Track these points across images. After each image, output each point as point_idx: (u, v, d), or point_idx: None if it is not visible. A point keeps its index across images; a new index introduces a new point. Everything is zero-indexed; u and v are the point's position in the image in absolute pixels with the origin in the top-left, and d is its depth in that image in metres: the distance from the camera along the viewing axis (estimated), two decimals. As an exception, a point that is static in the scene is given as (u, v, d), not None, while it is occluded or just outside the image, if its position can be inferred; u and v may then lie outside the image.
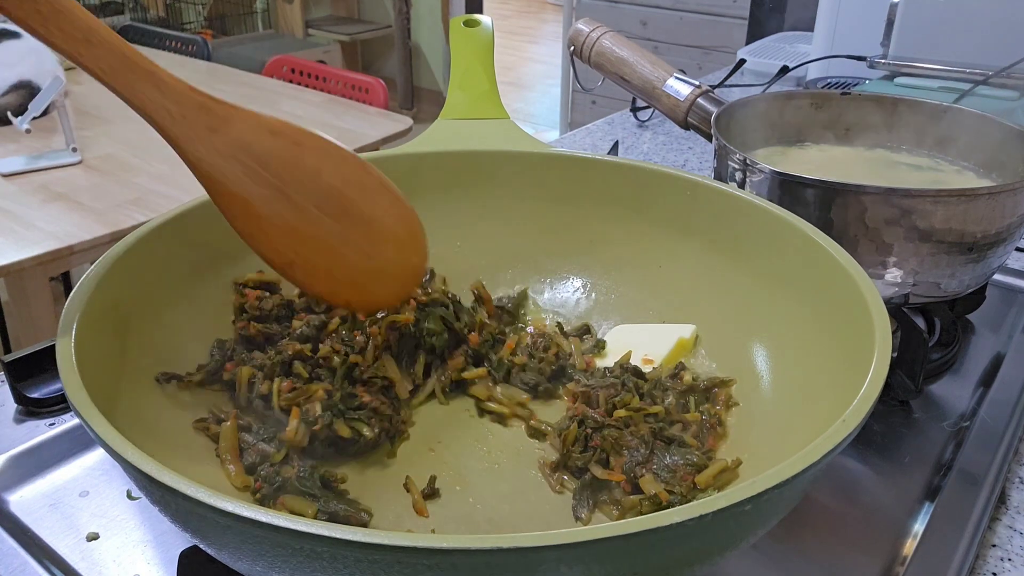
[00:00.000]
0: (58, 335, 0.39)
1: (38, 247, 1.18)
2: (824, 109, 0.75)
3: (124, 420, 0.38)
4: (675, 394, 0.51)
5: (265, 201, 0.45)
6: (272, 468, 0.45)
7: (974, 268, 0.59)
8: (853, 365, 0.41)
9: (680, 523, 0.29)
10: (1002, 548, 0.48)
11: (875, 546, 0.47)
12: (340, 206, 0.47)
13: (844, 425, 0.34)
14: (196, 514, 0.32)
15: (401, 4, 3.93)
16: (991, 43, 1.07)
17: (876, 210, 0.55)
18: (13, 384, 0.56)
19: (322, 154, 0.47)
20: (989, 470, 0.52)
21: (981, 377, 0.63)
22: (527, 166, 0.62)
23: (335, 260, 0.48)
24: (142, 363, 0.47)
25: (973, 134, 0.70)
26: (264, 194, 0.45)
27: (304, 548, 0.30)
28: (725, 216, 0.56)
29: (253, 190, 0.45)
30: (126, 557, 0.45)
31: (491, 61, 0.67)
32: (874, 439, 0.56)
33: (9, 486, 0.50)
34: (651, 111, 1.19)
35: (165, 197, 1.32)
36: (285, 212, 0.46)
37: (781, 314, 0.52)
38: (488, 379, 0.55)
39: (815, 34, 1.34)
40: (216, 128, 0.43)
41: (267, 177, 0.45)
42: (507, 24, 5.73)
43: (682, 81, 0.74)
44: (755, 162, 0.60)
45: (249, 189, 0.45)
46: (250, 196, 0.45)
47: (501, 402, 0.54)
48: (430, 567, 0.29)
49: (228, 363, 0.51)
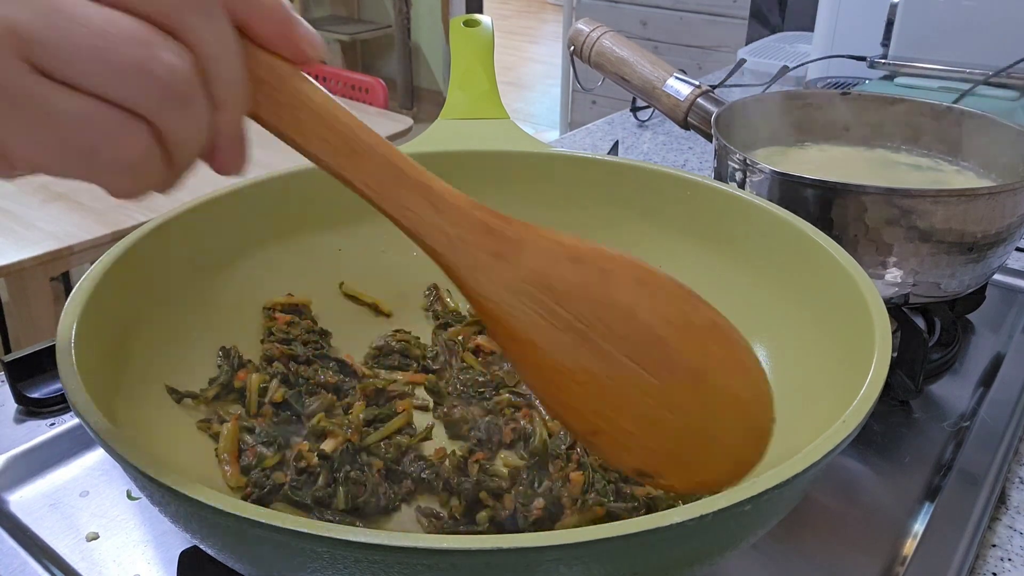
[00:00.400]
0: (58, 335, 0.39)
1: (38, 247, 1.18)
2: (824, 109, 0.75)
3: (124, 420, 0.38)
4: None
5: (565, 349, 0.35)
6: (263, 473, 0.45)
7: (974, 268, 0.59)
8: (853, 365, 0.41)
9: (680, 523, 0.29)
10: (1002, 548, 0.48)
11: (875, 546, 0.47)
12: (661, 355, 0.36)
13: (844, 425, 0.34)
14: (196, 515, 0.32)
15: (401, 4, 3.93)
16: (991, 43, 1.07)
17: (876, 210, 0.55)
18: (13, 384, 0.56)
19: (637, 286, 0.37)
20: (989, 470, 0.52)
21: (981, 377, 0.63)
22: (527, 166, 0.62)
23: (653, 427, 0.36)
24: (142, 363, 0.46)
25: (973, 134, 0.70)
26: (563, 340, 0.35)
27: (304, 548, 0.29)
28: (725, 216, 0.56)
29: (549, 335, 0.35)
30: (126, 557, 0.45)
31: (491, 61, 0.67)
32: (874, 439, 0.56)
33: (9, 486, 0.50)
34: (651, 111, 1.19)
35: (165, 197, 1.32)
36: (590, 364, 0.36)
37: (781, 314, 0.52)
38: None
39: (815, 34, 1.34)
40: (504, 255, 0.35)
41: (567, 317, 0.35)
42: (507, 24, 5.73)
43: (682, 81, 0.74)
44: (755, 162, 0.60)
45: (544, 333, 0.35)
46: (546, 343, 0.35)
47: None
48: (430, 567, 0.29)
49: (239, 372, 0.51)
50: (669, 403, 0.36)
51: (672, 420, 0.36)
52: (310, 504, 0.44)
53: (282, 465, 0.46)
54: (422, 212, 0.34)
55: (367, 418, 0.50)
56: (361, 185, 0.34)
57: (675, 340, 0.36)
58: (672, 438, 0.37)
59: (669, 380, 0.36)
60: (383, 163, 0.34)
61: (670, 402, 0.36)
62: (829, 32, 1.31)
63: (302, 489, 0.44)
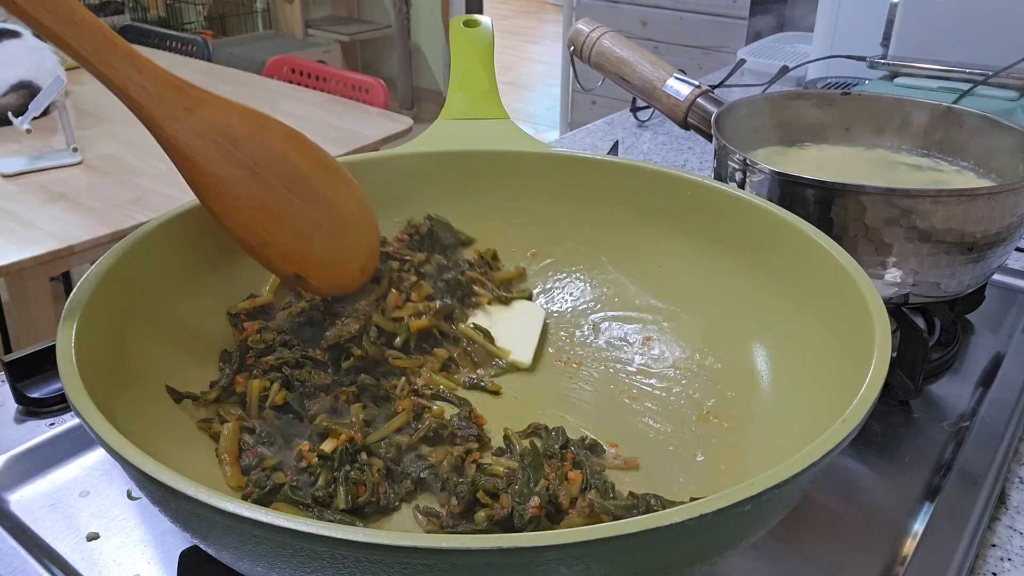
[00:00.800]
0: (58, 335, 0.39)
1: (38, 247, 1.18)
2: (824, 109, 0.75)
3: (124, 420, 0.38)
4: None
5: (239, 181, 0.47)
6: (263, 472, 0.45)
7: (974, 268, 0.59)
8: (853, 365, 0.41)
9: (680, 523, 0.29)
10: (1002, 548, 0.48)
11: (875, 546, 0.47)
12: (306, 187, 0.50)
13: (844, 425, 0.34)
14: (196, 514, 0.32)
15: (401, 4, 3.93)
16: (991, 43, 1.07)
17: (876, 210, 0.55)
18: (13, 384, 0.56)
19: (286, 137, 0.50)
20: (989, 470, 0.52)
21: (981, 377, 0.63)
22: (527, 166, 0.62)
23: (305, 241, 0.50)
24: (143, 363, 0.47)
25: (973, 134, 0.70)
26: (238, 174, 0.47)
27: (304, 548, 0.30)
28: (725, 216, 0.56)
29: (228, 170, 0.47)
30: (126, 557, 0.45)
31: (491, 61, 0.67)
32: (874, 439, 0.56)
33: (9, 486, 0.50)
34: (651, 111, 1.19)
35: (165, 197, 1.32)
36: (258, 191, 0.48)
37: (781, 314, 0.52)
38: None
39: (815, 34, 1.34)
40: (191, 109, 0.45)
41: (240, 157, 0.47)
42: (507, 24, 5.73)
43: (682, 81, 0.74)
44: (755, 162, 0.60)
45: (224, 169, 0.46)
46: (225, 175, 0.47)
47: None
48: (430, 567, 0.29)
49: (238, 377, 0.51)
50: (314, 222, 0.50)
51: (317, 235, 0.51)
52: (310, 504, 0.44)
53: (282, 465, 0.46)
54: (128, 73, 0.43)
55: (367, 418, 0.50)
56: (81, 50, 0.41)
57: (315, 176, 0.51)
58: (317, 247, 0.51)
59: (313, 205, 0.50)
60: (97, 32, 0.42)
61: (314, 221, 0.51)
62: (829, 32, 1.31)
63: (302, 489, 0.44)
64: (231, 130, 0.47)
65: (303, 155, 0.50)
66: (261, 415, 0.49)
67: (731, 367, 0.54)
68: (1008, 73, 1.00)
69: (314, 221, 0.51)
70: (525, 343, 0.58)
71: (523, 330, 0.59)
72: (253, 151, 0.47)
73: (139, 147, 1.49)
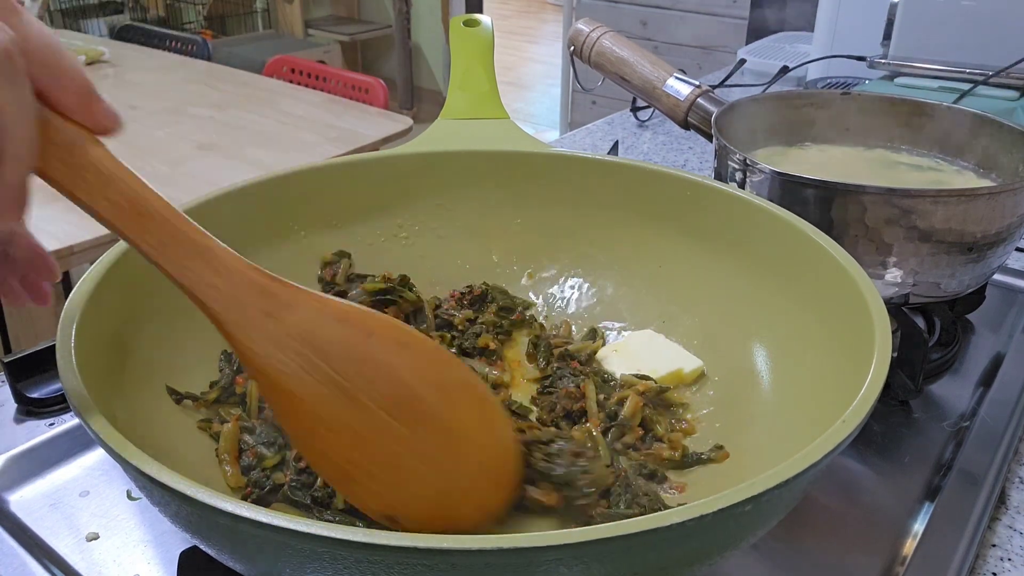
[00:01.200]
0: (58, 335, 0.39)
1: (38, 247, 1.18)
2: (824, 109, 0.75)
3: (124, 420, 0.38)
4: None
5: (323, 401, 0.38)
6: (263, 473, 0.45)
7: (974, 268, 0.59)
8: (853, 365, 0.41)
9: (680, 523, 0.29)
10: (1002, 548, 0.48)
11: (875, 546, 0.47)
12: (414, 410, 0.39)
13: (844, 425, 0.34)
14: (196, 515, 0.32)
15: (401, 4, 3.93)
16: (991, 43, 1.07)
17: (876, 210, 0.55)
18: (13, 384, 0.56)
19: (401, 348, 0.39)
20: (989, 470, 0.52)
21: (981, 377, 0.63)
22: (527, 166, 0.62)
23: (402, 475, 0.39)
24: (143, 363, 0.47)
25: (973, 134, 0.70)
26: (321, 393, 0.37)
27: (304, 549, 0.29)
28: (725, 216, 0.56)
29: (309, 388, 0.37)
30: (126, 557, 0.45)
31: (491, 61, 0.67)
32: (874, 439, 0.56)
33: (9, 486, 0.50)
34: (651, 111, 1.19)
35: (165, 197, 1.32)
36: (347, 415, 0.38)
37: (781, 314, 0.52)
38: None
39: (815, 34, 1.34)
40: (274, 314, 0.37)
41: (328, 372, 0.37)
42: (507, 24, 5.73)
43: (682, 81, 0.74)
44: (755, 162, 0.60)
45: (303, 386, 0.37)
46: (305, 394, 0.37)
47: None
48: (430, 567, 0.29)
49: (238, 377, 0.51)
50: (420, 453, 0.39)
51: (421, 468, 0.39)
52: (310, 504, 0.44)
53: (282, 465, 0.46)
54: (200, 272, 0.36)
55: None
56: (145, 245, 0.35)
57: (431, 397, 0.39)
58: (420, 484, 0.39)
59: (421, 433, 0.39)
60: (166, 225, 0.36)
61: (421, 452, 0.39)
62: (829, 32, 1.31)
63: (302, 489, 0.44)
64: (322, 340, 0.37)
65: (417, 368, 0.39)
66: (261, 415, 0.49)
67: (731, 367, 0.54)
68: (1008, 73, 1.00)
69: (421, 453, 0.39)
70: (679, 355, 0.56)
71: (658, 349, 0.57)
72: (347, 366, 0.38)
73: (139, 147, 1.49)
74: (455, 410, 0.41)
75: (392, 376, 0.39)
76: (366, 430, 0.38)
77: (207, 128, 1.62)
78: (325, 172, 0.60)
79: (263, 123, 1.69)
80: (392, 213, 0.62)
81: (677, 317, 0.59)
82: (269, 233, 0.57)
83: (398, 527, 0.39)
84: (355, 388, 0.38)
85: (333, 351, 0.38)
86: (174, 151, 1.50)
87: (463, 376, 0.42)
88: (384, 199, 0.62)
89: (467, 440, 0.41)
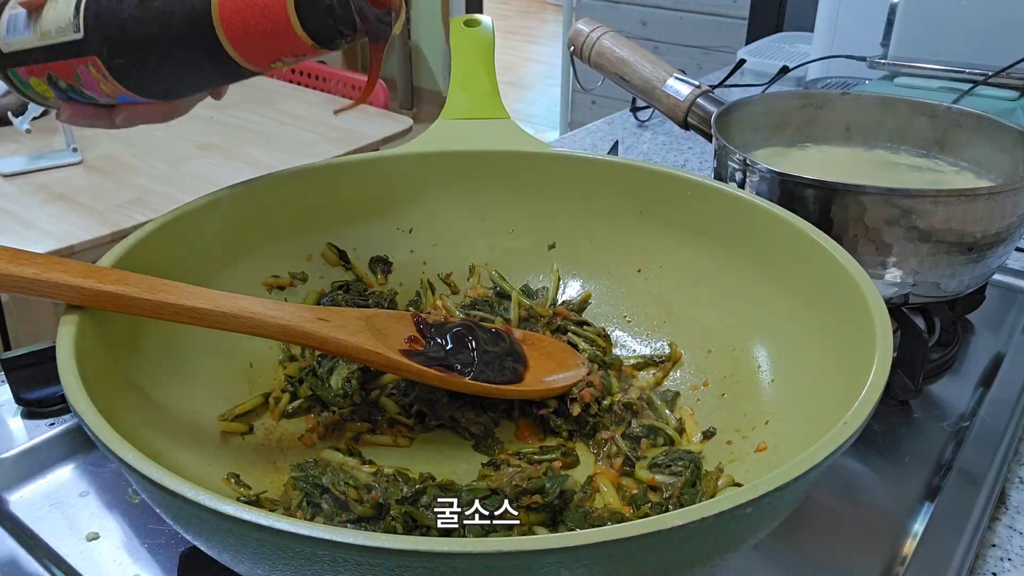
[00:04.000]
0: (58, 335, 0.39)
1: (38, 247, 1.18)
2: (824, 109, 0.75)
3: (124, 420, 0.38)
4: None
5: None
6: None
7: (974, 268, 0.59)
8: (853, 366, 0.41)
9: (681, 526, 0.29)
10: (1002, 548, 0.48)
11: (875, 546, 0.47)
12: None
13: (845, 427, 0.34)
14: (196, 516, 0.32)
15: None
16: (991, 43, 1.07)
17: (876, 210, 0.55)
18: (13, 384, 0.56)
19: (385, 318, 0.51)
20: (989, 470, 0.52)
21: (981, 377, 0.63)
22: (528, 166, 0.62)
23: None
24: (142, 363, 0.46)
25: (973, 134, 0.70)
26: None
27: (305, 551, 0.29)
28: (725, 216, 0.56)
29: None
30: (126, 557, 0.45)
31: (492, 61, 0.67)
32: (874, 439, 0.56)
33: (9, 486, 0.50)
34: (651, 111, 1.19)
35: (165, 197, 1.32)
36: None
37: (781, 314, 0.52)
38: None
39: (815, 34, 1.34)
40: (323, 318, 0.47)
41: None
42: (507, 24, 5.72)
43: (682, 81, 0.74)
44: (755, 162, 0.60)
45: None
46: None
47: None
48: (431, 570, 0.29)
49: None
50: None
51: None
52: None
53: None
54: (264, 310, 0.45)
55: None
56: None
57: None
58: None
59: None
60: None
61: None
62: (829, 32, 1.31)
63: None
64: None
65: (382, 321, 0.50)
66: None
67: (731, 367, 0.54)
68: (1008, 73, 1.00)
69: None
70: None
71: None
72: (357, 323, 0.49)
73: (139, 147, 1.49)
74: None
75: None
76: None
77: (207, 128, 1.61)
78: (325, 172, 0.60)
79: (263, 123, 1.69)
80: (392, 213, 0.62)
81: (677, 317, 0.58)
82: (270, 233, 0.57)
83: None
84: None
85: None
86: (174, 151, 1.50)
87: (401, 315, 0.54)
88: (384, 200, 0.61)
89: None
